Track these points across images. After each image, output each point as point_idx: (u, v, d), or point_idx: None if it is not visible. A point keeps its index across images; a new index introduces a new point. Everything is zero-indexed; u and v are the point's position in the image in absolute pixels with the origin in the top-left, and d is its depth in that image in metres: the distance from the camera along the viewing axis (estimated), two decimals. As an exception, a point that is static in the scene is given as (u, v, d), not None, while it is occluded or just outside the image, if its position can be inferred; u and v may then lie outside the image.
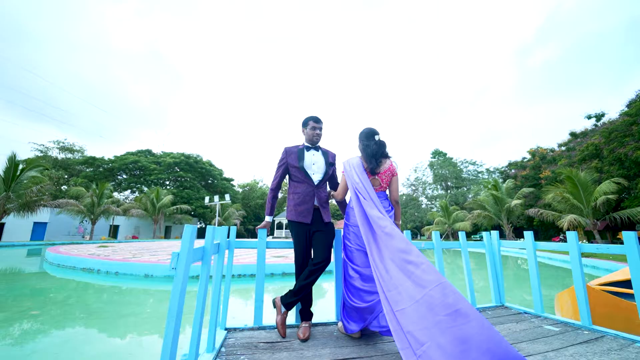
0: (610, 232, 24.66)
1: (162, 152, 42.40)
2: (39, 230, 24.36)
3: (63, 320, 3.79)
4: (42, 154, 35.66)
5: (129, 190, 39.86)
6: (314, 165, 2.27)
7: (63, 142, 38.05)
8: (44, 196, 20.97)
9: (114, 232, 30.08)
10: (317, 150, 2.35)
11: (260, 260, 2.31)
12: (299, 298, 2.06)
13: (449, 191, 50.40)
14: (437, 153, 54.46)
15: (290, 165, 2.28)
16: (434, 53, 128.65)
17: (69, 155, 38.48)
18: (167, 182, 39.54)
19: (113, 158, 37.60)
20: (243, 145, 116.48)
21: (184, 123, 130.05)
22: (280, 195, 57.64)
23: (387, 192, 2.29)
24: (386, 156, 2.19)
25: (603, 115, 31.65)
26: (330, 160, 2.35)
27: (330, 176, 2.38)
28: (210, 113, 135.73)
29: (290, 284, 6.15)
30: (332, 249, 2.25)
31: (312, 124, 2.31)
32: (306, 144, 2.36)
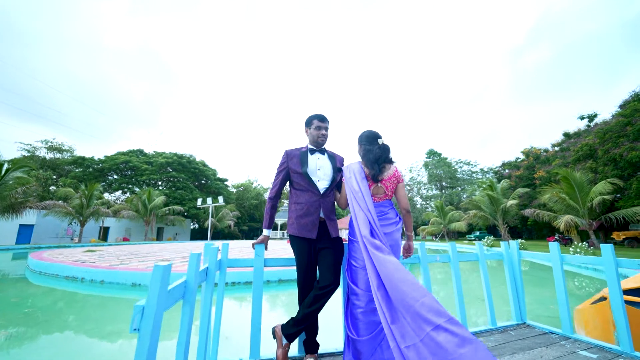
0: (603, 232, 24.85)
1: (154, 152, 41.57)
2: (25, 232, 23.54)
3: (32, 343, 3.40)
4: (29, 154, 34.62)
5: (120, 191, 38.99)
6: (320, 171, 1.96)
7: (51, 142, 37.01)
8: (30, 197, 20.27)
9: (104, 234, 29.31)
10: (323, 154, 2.04)
11: (257, 282, 1.98)
12: (302, 328, 1.75)
13: (443, 191, 50.58)
14: (432, 153, 54.59)
15: (292, 170, 1.97)
16: (428, 55, 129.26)
17: (58, 155, 37.44)
18: (160, 183, 38.78)
19: (103, 158, 36.73)
20: (237, 145, 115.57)
21: (177, 122, 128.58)
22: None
23: (392, 200, 2.04)
24: (390, 161, 1.95)
25: (595, 115, 32.04)
26: (338, 165, 2.04)
27: (338, 183, 2.08)
28: (204, 112, 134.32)
29: (287, 292, 5.78)
30: (342, 270, 1.95)
31: (317, 123, 2.00)
32: (310, 146, 2.05)
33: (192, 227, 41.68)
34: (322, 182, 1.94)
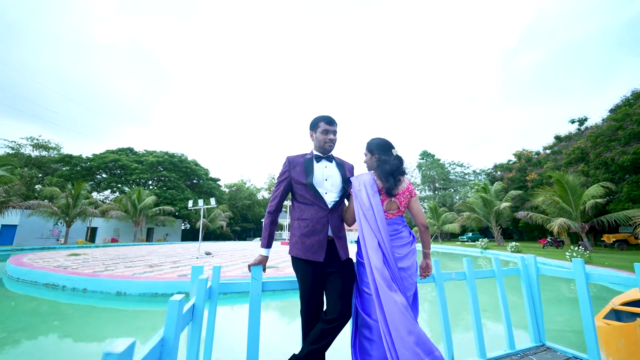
0: (593, 234, 25.19)
1: (144, 150, 40.67)
2: (7, 233, 22.66)
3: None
4: (13, 152, 33.46)
5: (109, 190, 38.03)
6: (327, 182, 1.69)
7: (37, 139, 35.89)
8: (14, 197, 19.48)
9: (91, 234, 28.48)
10: (331, 161, 1.77)
11: (254, 309, 1.70)
12: None
13: (436, 192, 50.86)
14: (425, 154, 54.83)
15: (295, 181, 1.70)
16: (422, 56, 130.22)
17: (44, 153, 36.34)
18: (150, 182, 37.96)
19: (91, 156, 35.72)
20: (230, 145, 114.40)
21: (169, 121, 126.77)
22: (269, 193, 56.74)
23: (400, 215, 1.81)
24: (404, 173, 1.74)
25: (586, 119, 32.53)
26: (347, 174, 1.78)
27: (347, 196, 1.81)
28: (196, 111, 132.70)
29: (284, 304, 5.48)
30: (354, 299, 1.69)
31: (324, 127, 1.73)
32: (316, 152, 1.78)
33: (183, 228, 40.93)
34: (330, 194, 1.68)
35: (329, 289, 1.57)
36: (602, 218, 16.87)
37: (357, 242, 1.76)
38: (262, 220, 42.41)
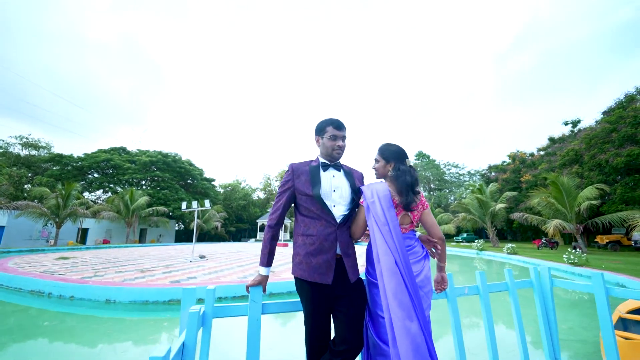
0: (586, 235, 25.44)
1: (137, 150, 40.07)
2: (-6, 234, 22.03)
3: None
4: (1, 151, 32.65)
5: (101, 190, 37.36)
6: (335, 193, 1.51)
7: (27, 138, 35.08)
8: (1, 197, 18.95)
9: (82, 236, 27.88)
10: (339, 170, 1.59)
11: (253, 336, 1.51)
12: None
13: (431, 193, 51.06)
14: (420, 155, 55.02)
15: (300, 192, 1.51)
16: (419, 57, 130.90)
17: (34, 152, 35.55)
18: (143, 182, 37.38)
19: (83, 156, 35.05)
20: (225, 144, 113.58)
21: (163, 120, 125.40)
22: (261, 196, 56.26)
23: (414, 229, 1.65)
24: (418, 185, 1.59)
25: (579, 121, 32.89)
26: (357, 184, 1.60)
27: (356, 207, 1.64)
28: (191, 110, 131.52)
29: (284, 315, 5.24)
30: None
31: (332, 131, 1.55)
32: (322, 159, 1.59)
33: (177, 228, 40.41)
34: (339, 207, 1.50)
35: (338, 315, 1.39)
36: (596, 219, 16.98)
37: (368, 257, 1.59)
38: (257, 221, 41.84)
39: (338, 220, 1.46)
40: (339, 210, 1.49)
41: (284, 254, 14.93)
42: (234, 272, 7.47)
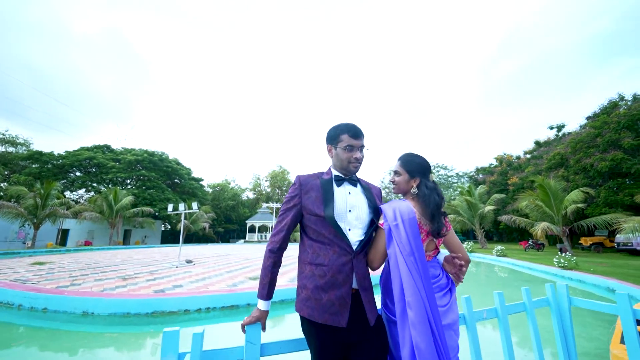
0: (570, 237, 26.09)
1: (122, 148, 38.81)
2: (-34, 236, 20.81)
3: None
4: (-26, 147, 31.01)
5: (84, 190, 36.00)
6: (351, 214, 1.26)
7: (3, 134, 33.47)
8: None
9: (62, 237, 26.73)
10: (355, 185, 1.34)
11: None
12: None
13: (421, 194, 51.49)
14: (410, 157, 55.42)
15: (309, 211, 1.25)
16: (408, 61, 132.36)
17: (11, 149, 33.95)
18: (128, 182, 36.22)
19: (64, 153, 33.68)
20: (214, 143, 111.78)
21: (150, 118, 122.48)
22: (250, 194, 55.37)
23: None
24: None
25: (563, 126, 33.81)
26: (377, 202, 1.36)
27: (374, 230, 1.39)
28: (179, 108, 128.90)
29: (274, 320, 4.95)
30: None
31: (348, 141, 1.29)
32: (336, 172, 1.34)
33: (163, 229, 39.34)
34: (355, 231, 1.25)
35: None
36: (582, 222, 17.35)
37: (385, 287, 1.35)
38: (247, 221, 41.16)
39: (354, 247, 1.21)
40: (355, 235, 1.24)
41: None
42: (222, 280, 7.12)
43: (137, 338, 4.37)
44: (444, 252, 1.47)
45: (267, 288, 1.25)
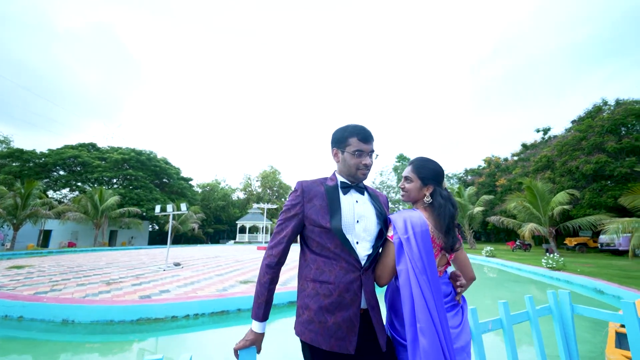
0: (556, 237, 26.70)
1: (109, 146, 37.78)
2: (-61, 238, 19.82)
3: None
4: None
5: (68, 189, 34.84)
6: (359, 225, 1.14)
7: (-19, 131, 32.05)
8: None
9: (44, 238, 25.79)
10: (362, 193, 1.22)
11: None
12: None
13: (410, 194, 52.05)
14: (401, 157, 55.91)
15: (312, 221, 1.12)
16: (399, 63, 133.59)
17: (-10, 147, 32.59)
18: (114, 181, 35.26)
19: (47, 152, 32.52)
20: (205, 143, 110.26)
21: (138, 117, 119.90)
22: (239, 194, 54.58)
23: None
24: None
25: (549, 129, 34.71)
26: (385, 212, 1.24)
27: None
28: (169, 107, 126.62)
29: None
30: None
31: (357, 145, 1.16)
32: (341, 178, 1.21)
33: (150, 229, 38.44)
34: (363, 244, 1.13)
35: None
36: (567, 223, 17.76)
37: (392, 306, 1.23)
38: (237, 222, 40.70)
39: (363, 262, 1.09)
40: (363, 248, 1.12)
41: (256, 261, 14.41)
42: (212, 284, 6.91)
43: (121, 347, 4.14)
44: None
45: (264, 308, 1.12)
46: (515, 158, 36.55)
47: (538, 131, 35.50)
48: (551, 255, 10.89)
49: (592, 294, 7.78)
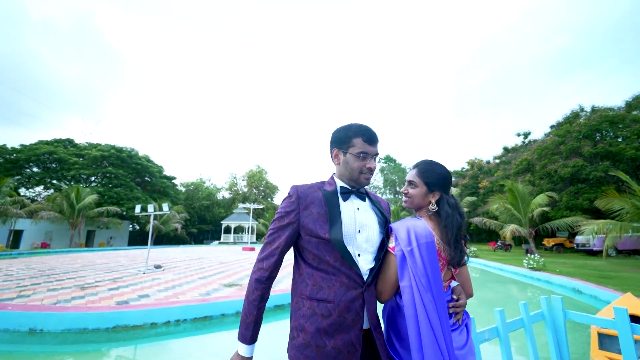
0: (534, 238, 27.66)
1: (87, 143, 36.25)
2: None
3: None
4: None
5: (42, 187, 33.14)
6: (361, 235, 1.03)
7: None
8: None
9: (15, 239, 24.41)
10: (364, 199, 1.11)
11: None
12: None
13: (396, 196, 52.77)
14: (388, 159, 56.58)
15: (308, 231, 1.00)
16: (387, 64, 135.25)
17: (-46, 141, 30.52)
18: (93, 179, 33.87)
19: (19, 147, 30.84)
20: (189, 141, 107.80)
21: (120, 112, 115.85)
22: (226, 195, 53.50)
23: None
24: None
25: (529, 133, 35.98)
26: (388, 218, 1.14)
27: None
28: (152, 103, 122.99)
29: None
30: None
31: (362, 146, 1.05)
32: (341, 183, 1.10)
33: (130, 229, 37.14)
34: (365, 256, 1.02)
35: None
36: (546, 224, 18.39)
37: (390, 322, 1.12)
38: (222, 222, 40.03)
39: (365, 277, 0.98)
40: (365, 261, 1.00)
41: (241, 263, 14.12)
42: (195, 287, 6.64)
43: (95, 358, 3.88)
44: None
45: (252, 329, 0.99)
46: (497, 161, 37.63)
47: (519, 135, 36.73)
48: (532, 256, 11.21)
49: (571, 293, 8.02)
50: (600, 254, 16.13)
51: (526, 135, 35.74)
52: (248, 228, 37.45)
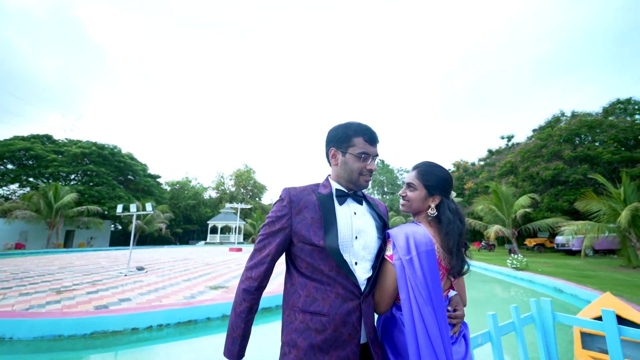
0: (517, 238, 28.50)
1: (66, 139, 34.87)
2: None
3: None
4: None
5: (17, 184, 31.62)
6: (358, 242, 0.96)
7: None
8: None
9: (-14, 239, 23.18)
10: (361, 203, 1.04)
11: None
12: None
13: (385, 196, 53.30)
14: (376, 160, 57.07)
15: (301, 237, 0.92)
16: (375, 66, 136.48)
17: None
18: (72, 177, 32.58)
19: (-8, 143, 29.32)
20: (175, 139, 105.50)
21: (102, 109, 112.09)
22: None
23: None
24: None
25: (513, 136, 37.03)
26: (386, 224, 1.08)
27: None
28: (136, 99, 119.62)
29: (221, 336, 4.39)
30: None
31: (363, 146, 0.99)
32: (337, 185, 1.02)
33: (112, 229, 35.96)
34: (363, 264, 0.96)
35: None
36: (528, 225, 18.95)
37: (386, 335, 1.06)
38: (208, 222, 39.40)
39: (362, 288, 0.91)
40: (363, 270, 0.94)
41: (227, 264, 13.89)
42: (179, 290, 6.43)
43: (72, 366, 3.67)
44: None
45: (239, 343, 0.91)
46: (482, 163, 38.56)
47: (503, 138, 37.73)
48: (515, 256, 11.49)
49: (553, 292, 8.24)
50: (579, 254, 16.74)
51: (510, 138, 36.75)
52: (235, 228, 36.93)
